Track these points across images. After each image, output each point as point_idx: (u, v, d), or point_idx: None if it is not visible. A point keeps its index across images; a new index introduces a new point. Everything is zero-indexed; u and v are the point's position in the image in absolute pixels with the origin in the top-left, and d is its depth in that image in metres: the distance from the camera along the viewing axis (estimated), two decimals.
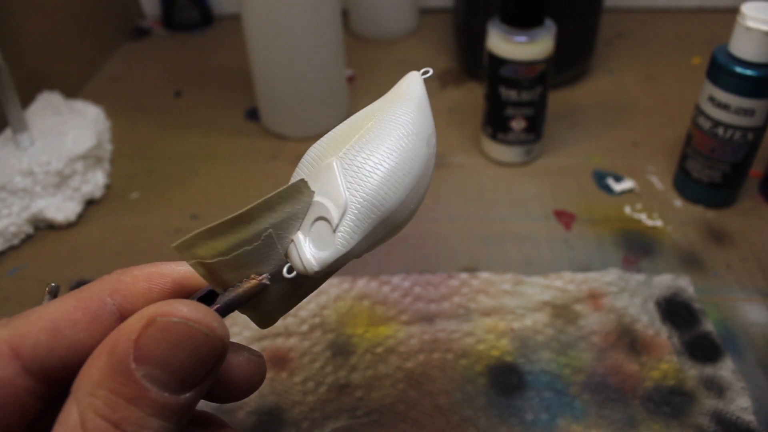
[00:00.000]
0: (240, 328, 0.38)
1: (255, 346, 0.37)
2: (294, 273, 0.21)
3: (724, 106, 0.42)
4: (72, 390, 0.17)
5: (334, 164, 0.21)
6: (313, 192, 0.21)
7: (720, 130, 0.43)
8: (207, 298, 0.21)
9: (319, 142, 0.22)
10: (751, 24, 0.39)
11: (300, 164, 0.22)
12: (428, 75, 0.23)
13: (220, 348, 0.18)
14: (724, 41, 0.42)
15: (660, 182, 0.49)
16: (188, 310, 0.18)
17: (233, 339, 0.40)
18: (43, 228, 0.47)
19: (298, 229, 0.21)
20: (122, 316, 0.20)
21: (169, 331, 0.17)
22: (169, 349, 0.17)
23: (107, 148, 0.53)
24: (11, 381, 0.19)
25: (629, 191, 0.48)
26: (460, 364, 0.36)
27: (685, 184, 0.47)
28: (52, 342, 0.19)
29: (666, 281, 0.40)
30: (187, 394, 0.18)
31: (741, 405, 0.33)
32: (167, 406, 0.17)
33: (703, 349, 0.36)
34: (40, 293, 0.27)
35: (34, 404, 0.19)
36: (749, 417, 0.33)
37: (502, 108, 0.48)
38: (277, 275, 0.21)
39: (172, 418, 0.17)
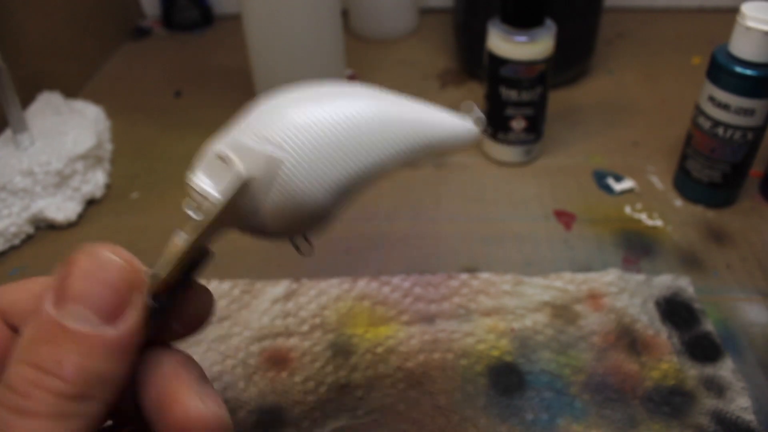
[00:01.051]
0: (241, 328, 0.38)
1: (255, 346, 0.37)
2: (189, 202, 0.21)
3: (724, 106, 0.42)
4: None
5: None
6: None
7: (720, 130, 0.43)
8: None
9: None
10: (751, 24, 0.39)
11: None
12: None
13: (129, 272, 0.19)
14: (724, 41, 0.42)
15: (660, 182, 0.49)
16: (90, 244, 0.19)
17: (234, 339, 0.40)
18: (43, 228, 0.47)
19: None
20: None
21: (75, 265, 0.18)
22: (79, 280, 0.18)
23: (107, 148, 0.53)
24: None
25: (629, 191, 0.48)
26: (460, 364, 0.36)
27: (685, 184, 0.47)
28: (27, 303, 0.20)
29: (666, 281, 0.40)
30: (111, 330, 0.18)
31: (741, 405, 0.33)
32: (90, 341, 0.17)
33: (703, 349, 0.36)
34: None
35: None
36: (749, 417, 0.33)
37: (502, 108, 0.48)
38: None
39: (96, 354, 0.17)
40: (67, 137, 0.48)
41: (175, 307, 0.21)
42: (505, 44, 0.46)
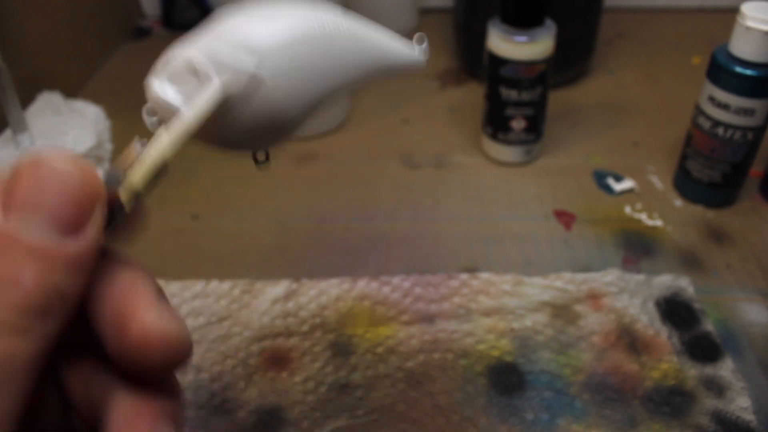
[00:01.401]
0: (241, 328, 0.38)
1: (256, 346, 0.37)
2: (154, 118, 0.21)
3: (724, 106, 0.42)
4: None
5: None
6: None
7: (720, 130, 0.43)
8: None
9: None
10: (751, 24, 0.39)
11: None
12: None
13: (89, 182, 0.17)
14: (724, 41, 0.42)
15: (660, 182, 0.49)
16: (47, 152, 0.17)
17: (234, 339, 0.40)
18: None
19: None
20: None
21: (31, 174, 0.17)
22: (35, 189, 0.16)
23: (107, 148, 0.53)
24: None
25: (629, 191, 0.48)
26: (460, 364, 0.36)
27: (685, 184, 0.47)
28: None
29: (666, 281, 0.40)
30: (72, 244, 0.17)
31: (741, 405, 0.33)
32: (46, 253, 0.16)
33: (703, 349, 0.36)
34: None
35: None
36: (749, 417, 0.33)
37: (502, 108, 0.48)
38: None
39: (57, 269, 0.16)
40: (67, 137, 0.48)
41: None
42: (505, 44, 0.46)
